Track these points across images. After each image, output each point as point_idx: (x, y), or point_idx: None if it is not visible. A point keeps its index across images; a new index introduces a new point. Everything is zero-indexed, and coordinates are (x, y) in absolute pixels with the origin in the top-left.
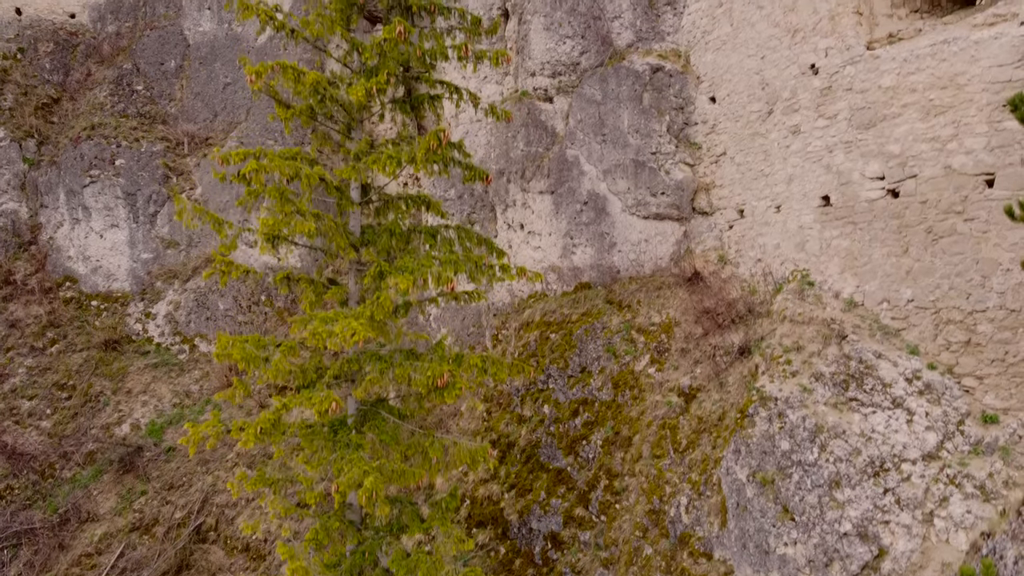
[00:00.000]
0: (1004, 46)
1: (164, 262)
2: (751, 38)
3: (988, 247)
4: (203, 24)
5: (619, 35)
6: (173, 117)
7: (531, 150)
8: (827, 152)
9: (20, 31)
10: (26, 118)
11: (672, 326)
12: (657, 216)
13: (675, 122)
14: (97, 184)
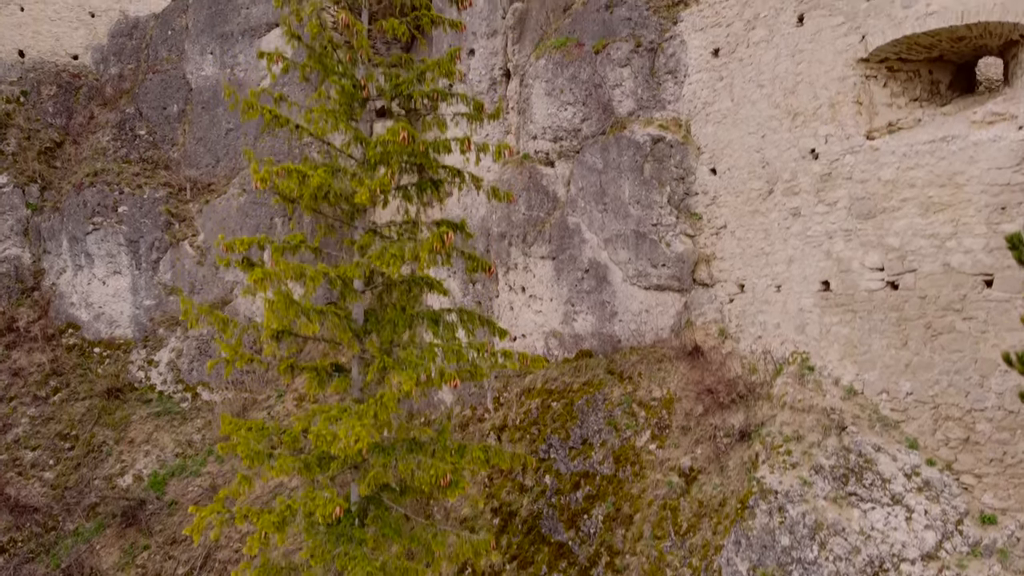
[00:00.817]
0: (1002, 149)
1: (166, 309)
2: (752, 116)
3: (987, 347)
4: (205, 68)
5: (620, 103)
6: (175, 162)
7: (532, 214)
8: (827, 238)
9: (23, 74)
10: (29, 163)
11: (673, 401)
12: (658, 287)
13: (676, 192)
14: (100, 231)
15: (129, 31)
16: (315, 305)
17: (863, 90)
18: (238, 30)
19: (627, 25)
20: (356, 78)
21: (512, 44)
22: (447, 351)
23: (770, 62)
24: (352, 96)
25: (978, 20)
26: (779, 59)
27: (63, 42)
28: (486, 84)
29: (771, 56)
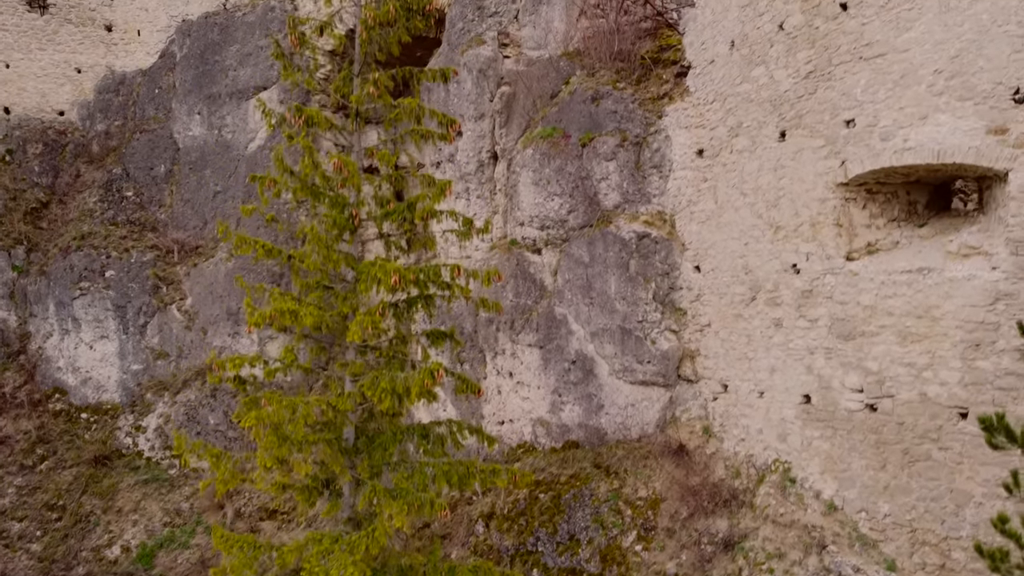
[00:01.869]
0: (976, 288)
1: (154, 373)
2: (735, 221)
3: (962, 479)
4: (193, 128)
5: (606, 196)
6: (163, 224)
7: (520, 302)
8: (808, 353)
9: (8, 131)
10: (15, 225)
11: (659, 502)
12: (644, 383)
13: (661, 287)
14: (87, 296)
15: (116, 87)
16: (307, 433)
17: (843, 212)
18: (226, 92)
19: (613, 119)
20: (348, 203)
21: (500, 127)
22: (437, 472)
23: (753, 172)
24: (344, 226)
25: (953, 161)
26: (762, 171)
27: (49, 98)
28: (474, 166)
29: (754, 167)
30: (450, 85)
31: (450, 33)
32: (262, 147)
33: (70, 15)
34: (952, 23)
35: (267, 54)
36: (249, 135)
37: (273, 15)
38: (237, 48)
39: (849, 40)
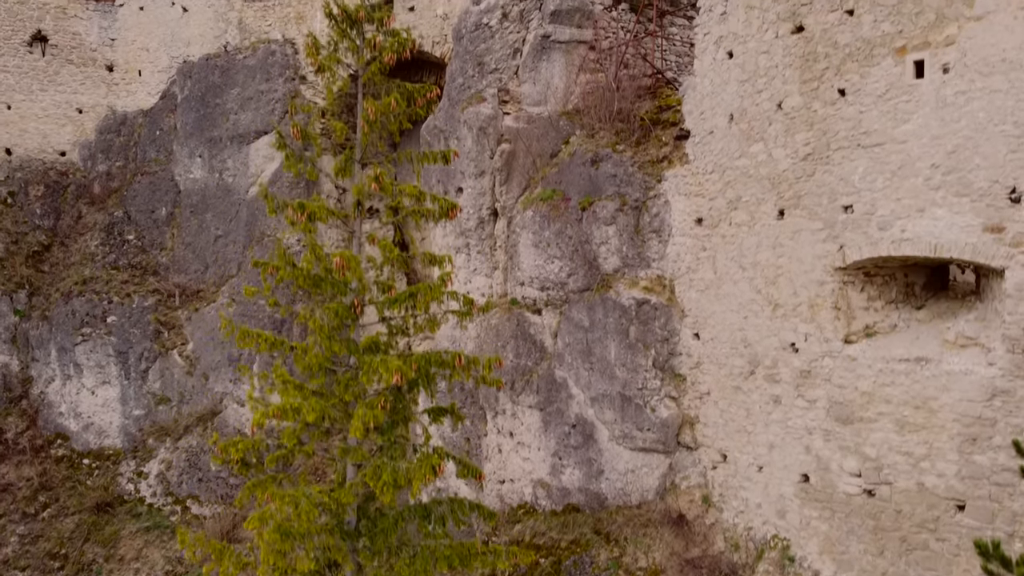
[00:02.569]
0: (974, 384)
1: (156, 418)
2: (734, 294)
3: (959, 571)
4: (194, 171)
5: (606, 260)
6: (164, 267)
7: (520, 363)
8: (807, 433)
9: (10, 173)
10: (17, 268)
11: (659, 573)
12: (643, 449)
13: (660, 353)
14: (89, 342)
15: (117, 127)
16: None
17: (841, 296)
18: (227, 135)
19: (613, 182)
20: (351, 290)
21: (500, 185)
22: (439, 556)
23: (752, 247)
24: (346, 315)
25: (950, 256)
26: (760, 247)
27: (50, 139)
28: (474, 222)
29: (753, 242)
30: (451, 142)
31: (450, 87)
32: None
33: (71, 56)
34: (949, 119)
35: (268, 99)
36: (250, 179)
37: (274, 59)
38: (238, 91)
39: (847, 126)
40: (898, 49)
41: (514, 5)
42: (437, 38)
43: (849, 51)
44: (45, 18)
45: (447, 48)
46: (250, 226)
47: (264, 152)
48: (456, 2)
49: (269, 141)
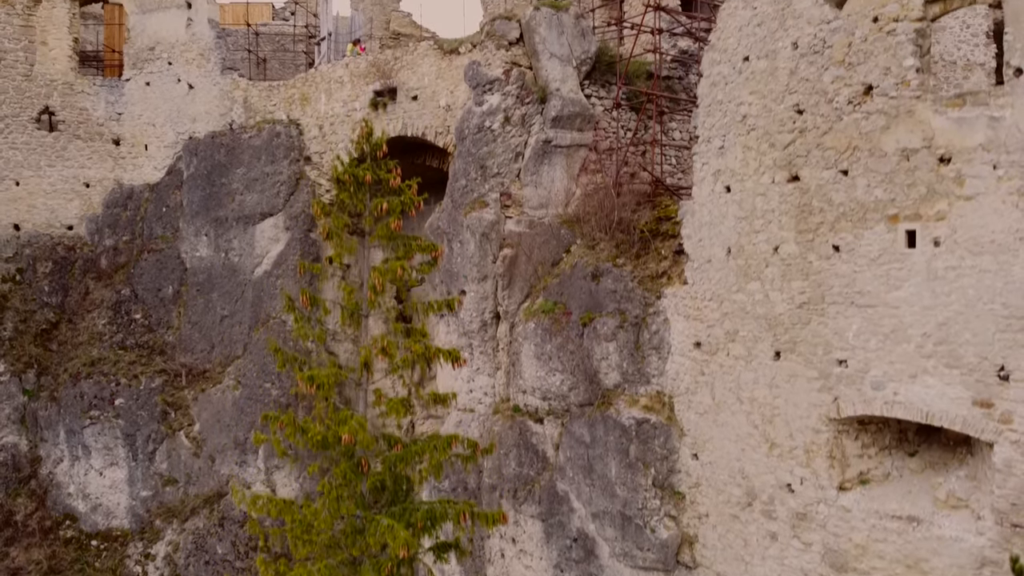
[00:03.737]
0: (964, 551)
1: (163, 499)
2: (731, 424)
3: None
4: (200, 250)
5: (607, 375)
6: (171, 346)
7: (523, 471)
8: (803, 575)
9: (19, 249)
10: (26, 348)
11: None
12: (644, 568)
13: (660, 471)
14: (97, 425)
15: (124, 201)
16: None
17: (836, 444)
18: (232, 216)
19: (613, 298)
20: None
21: (502, 289)
22: None
23: (749, 382)
24: (353, 478)
25: (941, 424)
26: (757, 384)
27: (58, 214)
28: (477, 324)
29: (750, 377)
30: (454, 245)
31: (453, 188)
32: (268, 273)
33: (78, 131)
34: (940, 291)
35: (273, 181)
36: (256, 259)
37: (279, 141)
38: (243, 172)
39: (842, 283)
40: (891, 216)
41: (516, 109)
42: (440, 128)
43: (843, 210)
44: (53, 95)
45: (449, 139)
46: (256, 307)
47: (269, 234)
48: (458, 95)
49: (275, 223)
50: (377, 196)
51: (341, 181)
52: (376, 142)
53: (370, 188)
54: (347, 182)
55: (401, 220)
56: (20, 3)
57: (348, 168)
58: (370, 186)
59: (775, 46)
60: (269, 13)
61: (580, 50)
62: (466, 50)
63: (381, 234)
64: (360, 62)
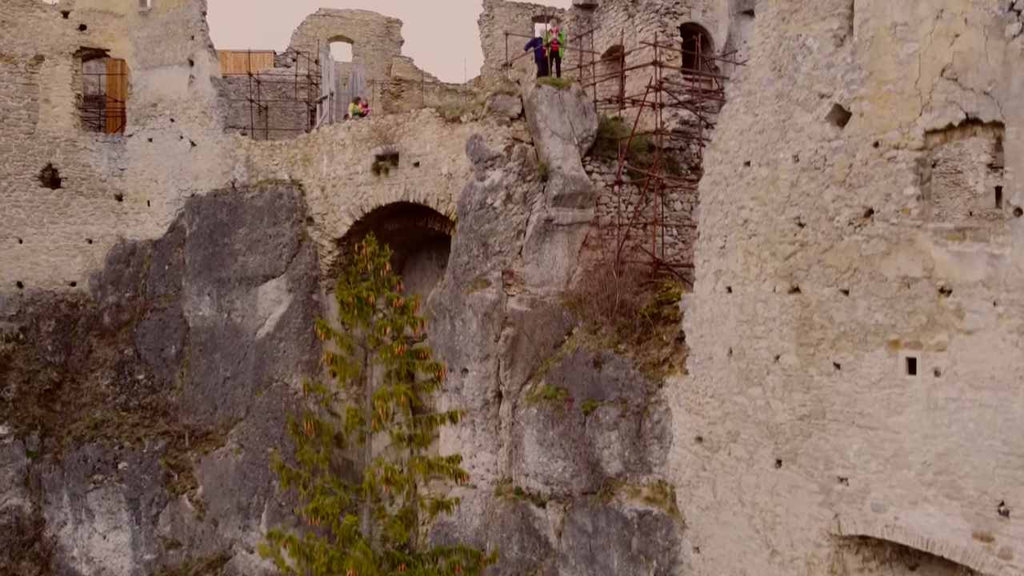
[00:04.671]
0: None
1: (166, 563)
2: (733, 524)
3: None
4: (203, 309)
5: (608, 463)
6: (174, 407)
7: (525, 556)
8: None
9: (22, 307)
10: (30, 409)
11: None
12: None
13: (662, 563)
14: (101, 489)
15: (126, 257)
16: None
17: (837, 559)
18: (235, 277)
19: (615, 386)
20: None
21: (504, 369)
22: None
23: (750, 486)
24: None
25: (942, 554)
26: (759, 489)
27: (61, 271)
28: (479, 403)
29: (751, 481)
30: (456, 323)
31: (455, 264)
32: (271, 335)
33: (81, 187)
34: (940, 422)
35: (276, 243)
36: (258, 321)
37: (281, 202)
38: (245, 232)
39: (843, 401)
40: (892, 342)
41: (518, 186)
42: (442, 196)
43: (844, 329)
44: (55, 152)
45: (451, 207)
46: (258, 370)
47: (272, 295)
48: (460, 163)
49: (277, 284)
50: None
51: (345, 303)
52: (379, 262)
53: (374, 307)
54: (351, 304)
55: (405, 344)
56: (23, 61)
57: (352, 291)
58: (373, 306)
59: (776, 156)
60: (271, 60)
61: (582, 128)
62: (467, 119)
63: (385, 357)
64: (362, 126)
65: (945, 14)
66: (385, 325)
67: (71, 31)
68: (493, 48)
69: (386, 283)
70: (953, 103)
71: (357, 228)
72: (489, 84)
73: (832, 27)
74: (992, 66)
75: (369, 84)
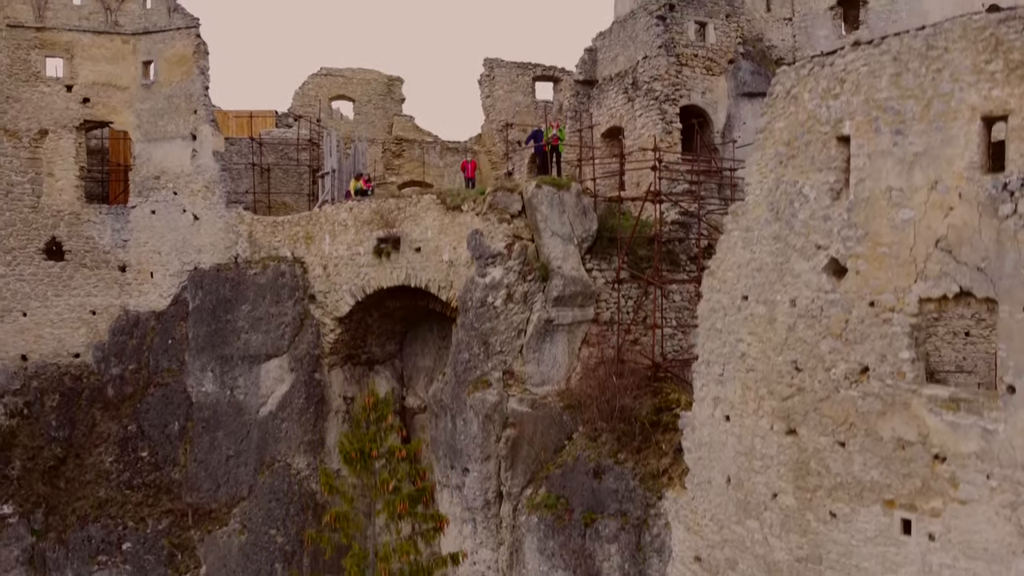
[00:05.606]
0: None
1: None
2: None
3: None
4: (206, 385)
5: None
6: (177, 484)
7: None
8: None
9: (26, 381)
10: (34, 486)
11: None
12: None
13: None
14: (105, 571)
15: (130, 329)
16: None
17: None
18: (238, 354)
19: (615, 498)
20: None
21: (505, 470)
22: None
23: None
24: None
25: None
26: None
27: (65, 343)
28: (480, 502)
29: None
30: (457, 422)
31: (456, 360)
32: (273, 414)
33: (85, 259)
34: None
35: (278, 322)
36: (261, 399)
37: (284, 280)
38: (248, 309)
39: (839, 551)
40: (887, 501)
41: (518, 285)
42: (443, 283)
43: (840, 480)
44: (59, 225)
45: (452, 293)
46: (261, 449)
47: (275, 374)
48: (461, 251)
49: (279, 364)
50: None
51: (348, 456)
52: (382, 412)
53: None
54: (354, 458)
55: (407, 502)
56: (27, 135)
57: (355, 444)
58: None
59: (774, 296)
60: (272, 120)
61: (582, 229)
62: (468, 208)
63: (388, 512)
64: (364, 208)
65: (940, 186)
66: (388, 480)
67: (75, 104)
68: (494, 108)
69: (388, 432)
70: (947, 275)
71: (359, 306)
72: (490, 144)
73: (828, 180)
74: (986, 243)
75: (371, 143)
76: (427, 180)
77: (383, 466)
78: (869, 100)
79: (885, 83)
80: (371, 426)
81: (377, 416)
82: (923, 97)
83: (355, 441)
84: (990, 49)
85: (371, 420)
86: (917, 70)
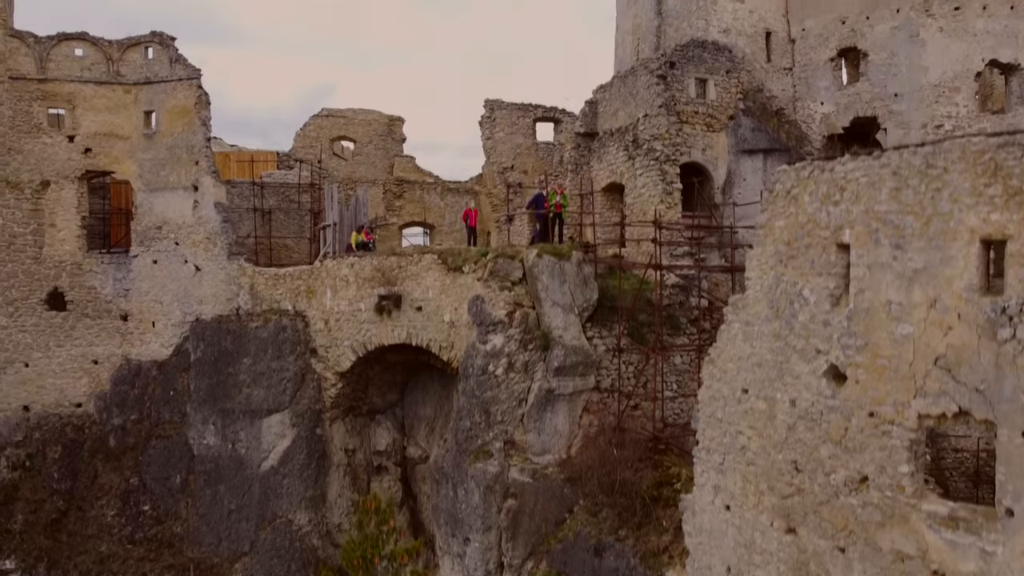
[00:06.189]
0: None
1: None
2: None
3: None
4: (208, 438)
5: None
6: (179, 538)
7: None
8: None
9: (28, 432)
10: (36, 540)
11: None
12: None
13: None
14: None
15: (131, 379)
16: None
17: None
18: (239, 408)
19: None
20: None
21: (506, 542)
22: None
23: None
24: None
25: None
26: None
27: (67, 393)
28: (481, 572)
29: None
30: (459, 491)
31: (457, 427)
32: (275, 470)
33: (87, 309)
34: None
35: (280, 377)
36: (263, 454)
37: (285, 335)
38: (250, 363)
39: None
40: None
41: (519, 354)
42: (444, 343)
43: None
44: (61, 275)
45: (454, 354)
46: (262, 504)
47: (276, 429)
48: (462, 312)
49: (281, 419)
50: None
51: (351, 563)
52: (383, 517)
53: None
54: (357, 565)
55: None
56: (29, 187)
57: (357, 552)
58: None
59: (774, 394)
60: (274, 161)
61: (582, 298)
62: (469, 270)
63: None
64: (365, 265)
65: (939, 304)
66: None
67: (76, 155)
68: (495, 150)
69: (390, 536)
70: (947, 394)
71: (360, 360)
72: (491, 185)
73: (828, 285)
74: (985, 366)
75: (371, 184)
76: (428, 220)
77: (384, 568)
78: (869, 211)
79: (885, 196)
80: (374, 531)
81: (379, 520)
82: (922, 214)
83: (358, 548)
84: (989, 173)
85: (366, 523)
86: (916, 187)
